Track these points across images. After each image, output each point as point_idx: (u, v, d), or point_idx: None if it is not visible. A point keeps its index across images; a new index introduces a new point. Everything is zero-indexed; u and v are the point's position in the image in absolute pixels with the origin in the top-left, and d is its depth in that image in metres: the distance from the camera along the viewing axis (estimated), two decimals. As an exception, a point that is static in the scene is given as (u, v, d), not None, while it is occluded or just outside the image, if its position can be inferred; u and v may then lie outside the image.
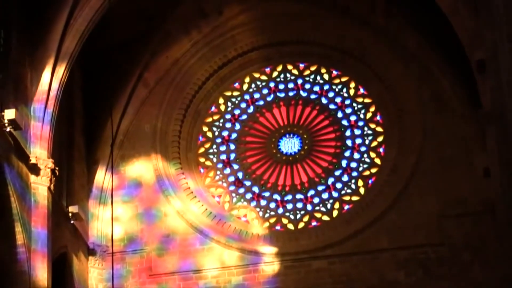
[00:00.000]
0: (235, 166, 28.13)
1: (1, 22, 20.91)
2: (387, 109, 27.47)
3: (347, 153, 27.65)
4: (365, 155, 27.49)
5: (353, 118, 27.98)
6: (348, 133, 27.87)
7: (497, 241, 23.65)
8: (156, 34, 27.47)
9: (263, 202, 27.61)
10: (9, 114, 19.73)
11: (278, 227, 27.16)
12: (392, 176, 26.44)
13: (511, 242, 19.60)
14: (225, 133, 28.49)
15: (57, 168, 22.11)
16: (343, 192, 27.23)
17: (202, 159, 28.20)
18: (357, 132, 27.82)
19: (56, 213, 22.65)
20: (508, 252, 21.13)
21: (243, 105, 28.71)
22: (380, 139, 27.52)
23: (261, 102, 28.70)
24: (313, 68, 28.68)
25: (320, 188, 27.41)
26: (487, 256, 24.60)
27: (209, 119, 28.60)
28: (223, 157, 28.24)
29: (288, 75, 28.82)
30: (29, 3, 22.16)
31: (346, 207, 26.98)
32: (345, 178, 27.39)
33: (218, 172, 28.09)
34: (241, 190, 27.83)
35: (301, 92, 28.58)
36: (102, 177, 27.02)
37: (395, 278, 25.22)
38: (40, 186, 21.44)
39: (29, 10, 22.17)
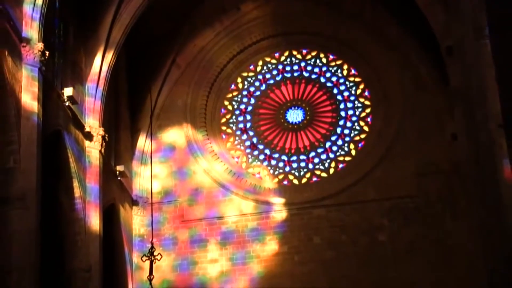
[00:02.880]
0: (251, 133, 28.05)
1: (61, 17, 20.87)
2: (374, 86, 27.28)
3: (341, 122, 27.51)
4: (356, 124, 27.34)
5: (346, 94, 27.80)
6: (342, 106, 27.71)
7: (464, 196, 23.63)
8: (186, 26, 27.37)
9: (273, 162, 27.55)
10: (68, 91, 19.86)
11: (285, 182, 27.11)
12: (378, 141, 26.33)
13: (476, 196, 19.52)
14: (242, 106, 28.39)
15: (106, 135, 22.16)
16: (338, 153, 27.12)
17: (224, 127, 28.14)
18: (349, 105, 27.64)
19: (106, 172, 22.71)
20: (472, 204, 21.08)
21: (257, 83, 28.58)
22: (368, 110, 27.34)
23: (271, 81, 28.56)
24: (313, 53, 28.50)
25: (319, 150, 27.33)
26: (455, 208, 24.50)
27: (230, 95, 28.49)
28: (241, 125, 28.16)
29: (293, 59, 28.64)
30: (83, 2, 22.13)
31: (341, 165, 26.89)
32: (339, 142, 27.27)
33: (237, 138, 28.03)
34: (256, 152, 27.77)
35: (304, 73, 28.41)
36: (143, 142, 27.01)
37: (381, 224, 25.18)
38: (93, 150, 21.52)
39: (83, 7, 22.14)
